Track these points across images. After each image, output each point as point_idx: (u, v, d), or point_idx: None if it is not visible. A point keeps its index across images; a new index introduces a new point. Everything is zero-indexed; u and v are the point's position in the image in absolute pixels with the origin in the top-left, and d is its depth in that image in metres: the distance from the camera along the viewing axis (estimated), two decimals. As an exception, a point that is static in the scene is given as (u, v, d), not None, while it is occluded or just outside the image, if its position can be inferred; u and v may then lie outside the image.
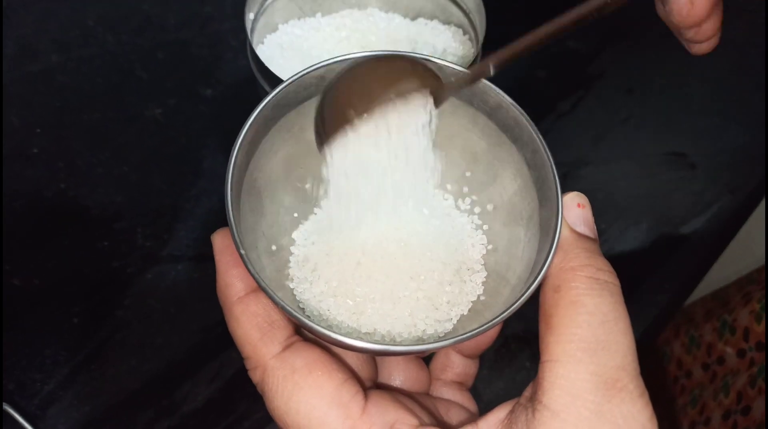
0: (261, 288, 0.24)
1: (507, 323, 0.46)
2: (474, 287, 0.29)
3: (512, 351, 0.46)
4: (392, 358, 0.31)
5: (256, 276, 0.24)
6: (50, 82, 0.52)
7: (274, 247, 0.29)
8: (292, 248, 0.29)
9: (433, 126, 0.26)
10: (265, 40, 0.43)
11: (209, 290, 0.27)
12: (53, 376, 0.43)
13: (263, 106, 0.26)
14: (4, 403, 0.41)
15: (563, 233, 0.25)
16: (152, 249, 0.47)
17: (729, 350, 0.57)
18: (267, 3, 0.42)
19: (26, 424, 0.41)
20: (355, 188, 0.26)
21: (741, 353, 0.56)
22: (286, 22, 0.44)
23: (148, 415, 0.42)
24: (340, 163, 0.26)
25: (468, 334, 0.24)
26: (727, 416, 0.53)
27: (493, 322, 0.24)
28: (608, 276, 0.24)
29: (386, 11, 0.45)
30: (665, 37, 0.44)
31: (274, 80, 0.38)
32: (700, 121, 0.56)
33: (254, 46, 0.40)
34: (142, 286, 0.46)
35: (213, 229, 0.27)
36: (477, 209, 0.31)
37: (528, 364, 0.46)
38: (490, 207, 0.31)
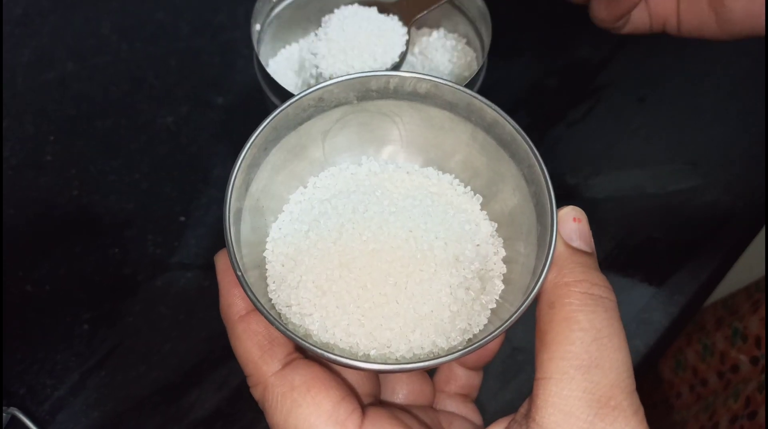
0: (257, 309, 0.24)
1: (514, 335, 0.46)
2: (487, 303, 0.28)
3: (519, 363, 0.46)
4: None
5: (252, 297, 0.24)
6: (65, 90, 0.53)
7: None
8: (276, 260, 0.29)
9: None
10: (276, 54, 0.44)
11: (218, 299, 0.27)
12: (63, 381, 0.43)
13: (263, 128, 0.27)
14: (14, 408, 0.42)
15: (558, 248, 0.25)
16: (162, 256, 0.47)
17: (743, 358, 0.57)
18: (274, 14, 0.42)
19: (36, 430, 0.41)
20: None
21: (754, 361, 0.56)
22: (294, 37, 0.44)
23: (156, 422, 0.43)
24: None
25: (461, 352, 0.24)
26: (734, 420, 0.53)
27: (487, 339, 0.24)
28: (603, 291, 0.24)
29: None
30: (678, 45, 0.44)
31: (280, 92, 0.38)
32: (713, 131, 0.56)
33: (261, 57, 0.40)
34: (152, 294, 0.46)
35: (222, 238, 0.27)
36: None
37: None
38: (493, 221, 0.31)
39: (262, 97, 0.42)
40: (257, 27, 0.41)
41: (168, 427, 0.43)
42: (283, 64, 0.44)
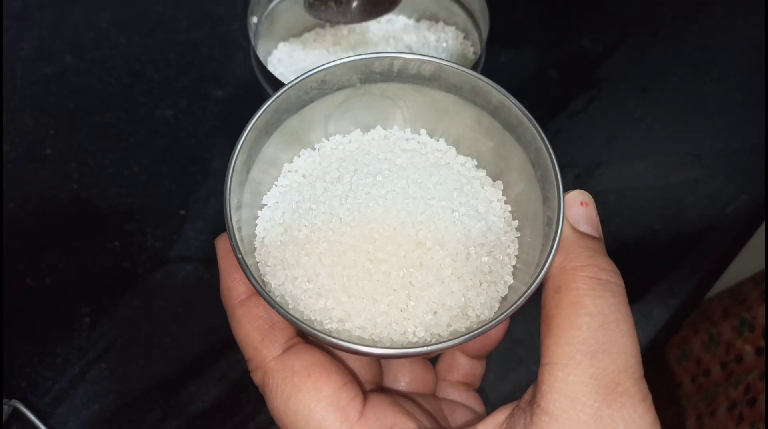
0: (258, 292, 0.24)
1: (514, 328, 0.46)
2: (497, 288, 0.27)
3: (519, 355, 0.46)
4: (397, 360, 0.30)
5: (253, 280, 0.24)
6: (64, 84, 0.53)
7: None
8: (288, 237, 0.28)
9: None
10: (275, 48, 0.44)
11: (217, 292, 0.27)
12: (64, 374, 0.43)
13: (263, 111, 0.26)
14: (16, 400, 0.42)
15: (565, 232, 0.25)
16: (161, 250, 0.47)
17: (747, 348, 0.56)
18: (271, 6, 0.42)
19: (37, 422, 0.41)
20: None
21: (759, 351, 0.55)
22: (292, 31, 0.44)
23: (155, 415, 0.43)
24: None
25: (464, 337, 0.23)
26: (733, 407, 0.52)
27: (490, 325, 0.24)
28: (611, 276, 0.24)
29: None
30: (679, 35, 0.43)
31: (277, 85, 0.38)
32: (716, 121, 0.55)
33: (258, 50, 0.40)
34: (151, 287, 0.46)
35: (222, 231, 0.27)
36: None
37: (535, 369, 0.45)
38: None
39: (260, 89, 0.42)
40: (254, 20, 0.41)
41: (168, 419, 0.43)
42: (281, 57, 0.44)
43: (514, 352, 0.46)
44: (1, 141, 0.50)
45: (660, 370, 0.66)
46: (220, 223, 0.49)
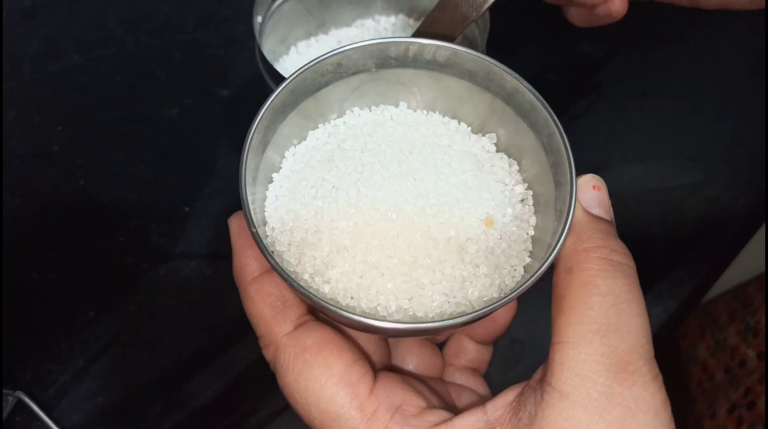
0: (271, 266, 0.24)
1: (513, 327, 0.46)
2: (510, 271, 0.27)
3: (517, 354, 0.46)
4: (406, 343, 0.31)
5: (267, 253, 0.24)
6: (71, 82, 0.53)
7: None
8: (299, 214, 0.28)
9: None
10: (281, 47, 0.44)
11: (220, 288, 0.27)
12: (68, 368, 0.44)
13: (280, 91, 0.27)
14: (21, 392, 0.42)
15: (577, 215, 0.25)
16: (165, 246, 0.48)
17: (750, 353, 0.56)
18: (275, 6, 0.43)
19: (41, 414, 0.42)
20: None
21: (761, 356, 0.55)
22: (297, 29, 0.45)
23: (157, 409, 0.43)
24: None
25: (470, 316, 0.23)
26: (733, 410, 0.52)
27: (499, 303, 0.24)
28: (623, 257, 0.24)
29: (390, 13, 0.45)
30: (679, 40, 0.44)
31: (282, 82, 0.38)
32: (714, 126, 0.56)
33: (263, 48, 0.41)
34: (155, 283, 0.46)
35: (226, 228, 0.27)
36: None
37: (534, 368, 0.46)
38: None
39: (265, 89, 0.43)
40: (259, 19, 0.41)
41: (169, 414, 0.43)
42: (288, 55, 0.44)
43: (512, 352, 0.47)
44: (9, 137, 0.50)
45: (666, 374, 0.66)
46: (224, 222, 0.49)
